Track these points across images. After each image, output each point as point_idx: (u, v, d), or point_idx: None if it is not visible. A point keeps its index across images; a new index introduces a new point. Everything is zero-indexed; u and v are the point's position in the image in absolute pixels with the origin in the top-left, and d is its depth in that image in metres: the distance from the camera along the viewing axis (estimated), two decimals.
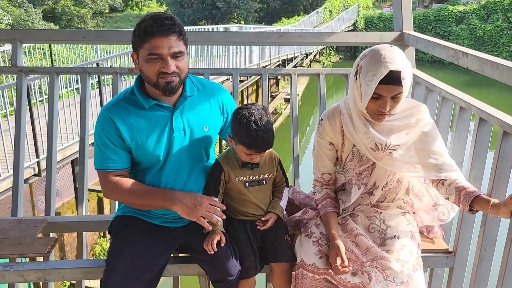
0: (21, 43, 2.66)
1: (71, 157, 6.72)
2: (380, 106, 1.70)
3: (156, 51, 1.67)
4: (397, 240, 1.85)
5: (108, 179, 1.85)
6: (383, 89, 1.65)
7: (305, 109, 17.18)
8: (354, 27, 29.61)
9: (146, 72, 1.72)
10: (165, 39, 1.66)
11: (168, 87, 1.73)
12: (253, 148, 1.81)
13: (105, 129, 1.81)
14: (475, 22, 27.79)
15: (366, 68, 1.68)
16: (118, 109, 1.82)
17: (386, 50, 1.67)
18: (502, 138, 1.80)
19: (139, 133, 1.81)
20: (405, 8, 2.73)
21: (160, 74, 1.71)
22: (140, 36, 1.68)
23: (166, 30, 1.66)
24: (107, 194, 1.89)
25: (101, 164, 1.85)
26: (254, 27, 21.43)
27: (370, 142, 1.78)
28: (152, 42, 1.66)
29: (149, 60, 1.69)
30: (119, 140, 1.81)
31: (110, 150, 1.83)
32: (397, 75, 1.63)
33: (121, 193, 1.84)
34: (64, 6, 29.30)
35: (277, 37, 2.84)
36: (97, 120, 1.85)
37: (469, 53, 2.04)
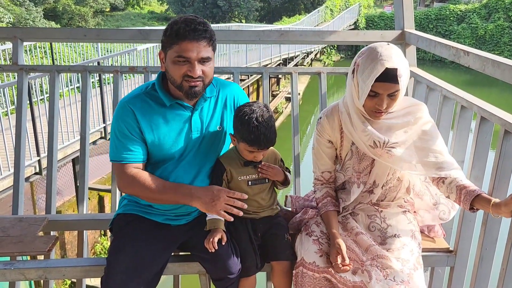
0: (22, 42, 2.66)
1: (72, 155, 6.73)
2: (377, 104, 1.70)
3: (185, 55, 1.69)
4: (398, 239, 1.85)
5: (125, 172, 1.83)
6: (380, 87, 1.66)
7: (306, 108, 17.17)
8: (355, 26, 29.57)
9: (172, 73, 1.74)
10: (195, 43, 1.68)
11: (191, 91, 1.75)
12: (255, 145, 1.81)
13: (125, 120, 1.80)
14: (477, 21, 27.75)
15: (362, 66, 1.69)
16: (139, 102, 1.82)
17: (383, 48, 1.67)
18: (503, 137, 1.79)
19: (157, 129, 1.82)
20: (407, 6, 2.73)
21: (185, 77, 1.72)
22: (171, 37, 1.70)
23: (198, 35, 1.68)
24: (123, 187, 1.86)
25: (118, 155, 1.83)
26: (255, 26, 21.39)
27: (369, 140, 1.78)
28: (182, 45, 1.68)
29: (176, 62, 1.71)
30: (138, 132, 1.81)
31: (128, 141, 1.81)
32: (393, 73, 1.63)
33: (138, 187, 1.82)
34: (65, 4, 29.28)
35: (278, 35, 2.84)
36: (117, 111, 1.84)
37: (471, 51, 2.03)
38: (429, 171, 1.80)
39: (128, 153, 1.82)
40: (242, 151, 1.89)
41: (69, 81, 7.65)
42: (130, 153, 1.82)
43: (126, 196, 2.01)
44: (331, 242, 1.83)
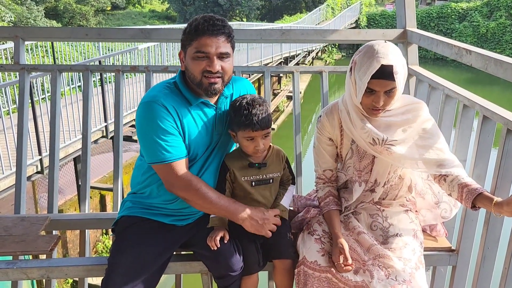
0: (24, 41, 2.66)
1: (73, 154, 6.74)
2: (373, 101, 1.71)
3: (204, 49, 1.70)
4: (400, 238, 1.84)
5: (176, 171, 1.76)
6: (376, 84, 1.67)
7: (307, 107, 17.16)
8: (356, 25, 29.53)
9: (191, 69, 1.74)
10: (214, 38, 1.70)
11: (211, 88, 1.75)
12: (249, 126, 1.79)
13: (160, 115, 1.74)
14: (478, 19, 27.69)
15: (359, 63, 1.70)
16: (167, 98, 1.78)
17: (380, 45, 1.68)
18: (506, 136, 1.79)
19: (187, 127, 1.81)
20: (408, 5, 2.72)
21: (204, 72, 1.73)
22: (191, 33, 1.71)
23: (216, 30, 1.70)
24: (178, 188, 1.79)
25: (163, 156, 1.75)
26: (256, 25, 21.38)
27: (368, 137, 1.79)
28: (201, 40, 1.69)
29: (195, 58, 1.72)
30: (176, 126, 1.77)
31: (171, 137, 1.75)
32: (389, 70, 1.64)
33: (194, 193, 1.78)
34: (66, 3, 29.28)
35: (280, 34, 2.83)
36: (146, 111, 1.76)
37: (473, 50, 2.03)
38: (430, 168, 1.80)
39: (175, 149, 1.76)
40: (242, 145, 1.88)
41: (70, 80, 7.66)
42: (176, 149, 1.76)
43: (129, 198, 1.99)
44: (333, 241, 1.83)
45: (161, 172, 1.79)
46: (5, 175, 5.57)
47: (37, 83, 6.73)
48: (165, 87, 1.82)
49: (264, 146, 1.88)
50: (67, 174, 7.66)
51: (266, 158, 1.94)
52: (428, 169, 1.81)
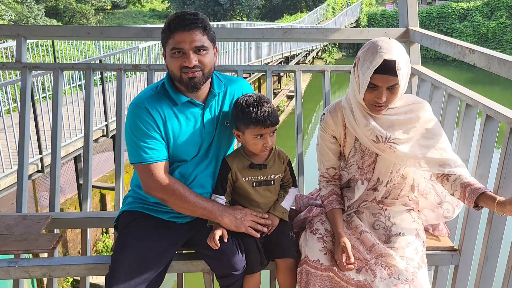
0: (25, 39, 2.66)
1: (74, 153, 6.74)
2: (376, 97, 1.71)
3: (178, 46, 1.70)
4: (402, 237, 1.84)
5: (153, 173, 1.78)
6: (379, 79, 1.67)
7: (307, 106, 17.14)
8: (356, 24, 29.51)
9: (170, 67, 1.76)
10: (187, 33, 1.69)
11: (190, 83, 1.75)
12: (261, 123, 1.80)
13: (142, 118, 1.78)
14: (479, 19, 27.67)
15: (363, 58, 1.71)
16: (153, 101, 1.81)
17: (383, 41, 1.69)
18: (509, 135, 1.79)
19: (172, 128, 1.82)
20: (411, 4, 2.72)
21: (182, 68, 1.73)
22: (165, 32, 1.72)
23: (188, 25, 1.69)
24: (154, 189, 1.81)
25: (141, 157, 1.78)
26: (256, 24, 21.37)
27: (371, 134, 1.79)
28: (175, 37, 1.70)
29: (172, 55, 1.73)
30: (156, 129, 1.80)
31: (149, 140, 1.78)
32: (391, 65, 1.64)
33: (171, 194, 1.80)
34: (66, 2, 29.27)
35: (282, 33, 2.83)
36: (131, 112, 1.81)
37: (476, 49, 2.03)
38: (433, 167, 1.80)
39: (153, 151, 1.79)
40: (250, 144, 1.87)
41: (71, 79, 7.65)
42: (154, 152, 1.79)
43: (130, 194, 2.01)
44: (336, 240, 1.83)
45: (140, 173, 1.83)
46: (6, 174, 5.57)
47: (38, 81, 6.73)
48: (152, 89, 1.85)
49: (272, 143, 1.88)
50: (68, 173, 7.66)
51: (268, 159, 1.94)
52: (430, 168, 1.81)
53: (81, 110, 3.24)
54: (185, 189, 1.83)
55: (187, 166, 1.89)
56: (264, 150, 1.89)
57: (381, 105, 1.73)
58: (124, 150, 2.70)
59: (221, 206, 1.88)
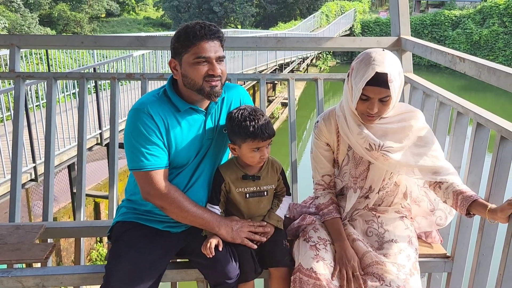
0: (19, 49, 2.66)
1: (68, 162, 6.71)
2: (368, 108, 1.73)
3: (204, 54, 1.72)
4: (395, 244, 1.85)
5: (153, 180, 1.77)
6: (371, 91, 1.69)
7: (302, 114, 17.19)
8: (350, 31, 29.70)
9: (192, 75, 1.76)
10: (211, 43, 1.73)
11: (212, 91, 1.77)
12: (258, 136, 1.80)
13: (145, 123, 1.77)
14: (471, 27, 27.92)
15: (356, 69, 1.73)
16: (155, 106, 1.80)
17: (377, 53, 1.71)
18: (499, 143, 1.80)
19: (174, 134, 1.82)
20: (402, 13, 2.75)
21: (206, 77, 1.75)
22: (188, 40, 1.73)
23: (213, 34, 1.73)
24: (154, 196, 1.80)
25: (141, 163, 1.77)
26: (251, 32, 21.45)
27: (364, 142, 1.81)
28: (200, 46, 1.72)
29: (196, 64, 1.74)
30: (159, 135, 1.79)
31: (153, 146, 1.78)
32: (383, 78, 1.66)
33: (170, 203, 1.79)
34: (60, 10, 29.28)
35: (275, 42, 2.85)
36: (133, 117, 1.79)
37: (466, 58, 2.05)
38: (426, 175, 1.82)
39: (154, 158, 1.78)
40: (246, 157, 1.87)
41: (64, 87, 7.64)
42: (155, 159, 1.78)
43: (124, 204, 2.00)
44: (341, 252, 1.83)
45: (139, 180, 1.82)
46: None
47: (31, 90, 6.71)
48: (154, 95, 1.85)
49: (268, 154, 1.90)
50: (61, 182, 7.63)
51: (261, 170, 1.94)
52: (423, 176, 1.83)
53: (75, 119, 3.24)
54: (185, 198, 1.83)
55: (183, 174, 1.89)
56: (260, 162, 1.90)
57: (373, 115, 1.75)
58: (118, 158, 2.71)
59: (219, 217, 1.88)
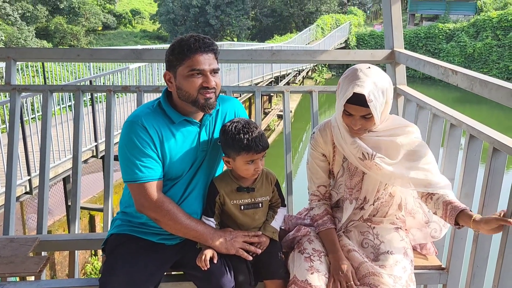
0: (15, 62, 2.67)
1: (63, 174, 6.68)
2: (351, 123, 1.78)
3: (199, 67, 1.74)
4: (391, 255, 1.85)
5: (147, 192, 1.78)
6: (352, 108, 1.74)
7: (298, 126, 17.24)
8: (346, 44, 29.94)
9: (186, 88, 1.77)
10: (206, 55, 1.75)
11: (207, 103, 1.79)
12: (252, 149, 1.81)
13: (139, 136, 1.78)
14: (465, 40, 28.20)
15: (341, 86, 1.79)
16: (150, 118, 1.82)
17: (362, 71, 1.74)
18: (492, 154, 1.82)
19: (168, 146, 1.83)
20: (396, 26, 2.78)
21: (200, 89, 1.76)
22: (182, 53, 1.75)
23: (207, 47, 1.76)
24: (147, 208, 1.81)
25: (135, 175, 1.78)
26: (246, 44, 21.58)
27: (358, 152, 1.83)
28: (194, 58, 1.74)
29: (190, 76, 1.75)
30: (153, 147, 1.80)
31: (147, 158, 1.78)
32: (362, 97, 1.69)
33: (164, 215, 1.80)
34: (57, 23, 29.37)
35: (270, 55, 2.87)
36: (127, 129, 1.81)
37: (459, 71, 2.07)
38: (419, 187, 1.84)
39: (148, 170, 1.79)
40: (241, 169, 1.87)
41: (60, 100, 7.64)
42: (149, 171, 1.79)
43: (119, 216, 2.00)
44: (336, 263, 1.83)
45: (133, 191, 1.83)
46: None
47: (27, 102, 6.71)
48: (149, 107, 1.86)
49: (262, 166, 1.90)
50: (56, 195, 7.58)
51: (256, 182, 1.94)
52: (416, 187, 1.84)
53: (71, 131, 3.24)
54: (179, 210, 1.83)
55: (178, 186, 1.90)
56: (255, 175, 1.90)
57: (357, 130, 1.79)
58: (113, 170, 2.70)
59: (212, 229, 1.88)
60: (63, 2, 30.23)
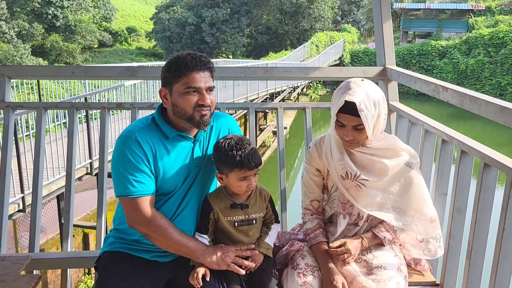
0: (10, 79, 2.67)
1: (57, 192, 6.64)
2: (344, 134, 1.80)
3: (195, 84, 1.76)
4: (384, 270, 1.85)
5: (139, 207, 1.78)
6: (343, 118, 1.77)
7: (293, 142, 17.27)
8: (340, 61, 30.22)
9: (182, 105, 1.79)
10: (202, 73, 1.78)
11: (202, 121, 1.81)
12: (245, 165, 1.81)
13: (132, 150, 1.78)
14: (458, 57, 28.54)
15: (334, 97, 1.82)
16: (143, 133, 1.82)
17: (355, 83, 1.79)
18: (483, 170, 1.83)
19: (162, 162, 1.83)
20: (387, 44, 2.82)
21: (196, 107, 1.78)
22: (178, 70, 1.77)
23: (203, 65, 1.78)
24: (139, 223, 1.80)
25: (127, 190, 1.78)
26: (242, 61, 21.75)
27: (342, 170, 1.85)
28: (190, 76, 1.76)
29: (186, 93, 1.77)
30: (146, 162, 1.80)
31: (139, 173, 1.78)
32: (353, 106, 1.72)
33: (155, 230, 1.78)
34: (53, 41, 29.54)
35: (264, 72, 2.90)
36: (120, 144, 1.81)
37: (449, 87, 2.10)
38: (392, 223, 1.90)
39: (141, 185, 1.79)
40: (234, 186, 1.87)
41: (55, 117, 7.64)
42: (142, 185, 1.79)
43: (112, 234, 1.99)
44: (327, 276, 1.82)
45: (125, 206, 1.82)
46: None
47: (21, 119, 6.71)
48: (143, 122, 1.88)
49: (255, 183, 1.90)
50: (50, 212, 7.53)
51: (250, 199, 1.94)
52: (390, 222, 1.90)
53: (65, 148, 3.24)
54: (170, 226, 1.82)
55: (171, 201, 1.89)
56: (248, 191, 1.90)
57: (350, 141, 1.81)
58: (107, 188, 2.69)
59: (204, 246, 1.87)
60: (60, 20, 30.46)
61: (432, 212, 1.89)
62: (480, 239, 1.87)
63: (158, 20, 37.64)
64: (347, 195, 1.88)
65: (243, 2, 36.55)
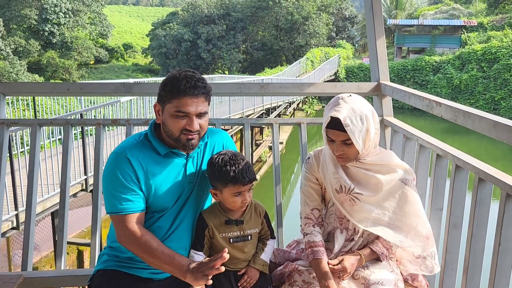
0: (5, 96, 2.67)
1: (51, 209, 6.59)
2: (334, 149, 1.83)
3: (185, 110, 1.74)
4: (382, 286, 1.84)
5: (126, 225, 1.77)
6: (331, 134, 1.80)
7: (289, 157, 17.28)
8: (335, 76, 30.44)
9: (170, 126, 1.78)
10: (194, 99, 1.74)
11: (188, 144, 1.79)
12: (239, 181, 1.81)
13: (121, 168, 1.78)
14: (451, 72, 28.82)
15: (324, 113, 1.86)
16: (134, 150, 1.81)
17: (344, 99, 1.81)
18: (478, 185, 1.84)
19: (153, 179, 1.82)
20: (381, 60, 2.84)
21: (183, 130, 1.77)
22: (172, 92, 1.74)
23: (197, 91, 1.75)
24: (125, 241, 1.80)
25: (116, 207, 1.78)
26: (237, 77, 21.86)
27: (336, 183, 1.86)
28: (182, 100, 1.73)
29: (175, 116, 1.75)
30: (135, 180, 1.79)
31: (126, 191, 1.78)
32: (339, 121, 1.75)
33: (138, 247, 1.77)
34: (49, 58, 29.63)
35: (259, 88, 2.91)
36: (111, 161, 1.81)
37: (443, 103, 2.11)
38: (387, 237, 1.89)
39: (128, 203, 1.78)
40: (228, 202, 1.87)
41: (50, 133, 7.63)
42: (129, 203, 1.78)
43: (106, 251, 1.96)
44: None
45: (114, 223, 1.82)
46: None
47: (17, 136, 6.69)
48: (136, 138, 1.87)
49: (250, 199, 1.89)
50: (44, 230, 7.46)
51: (244, 214, 1.93)
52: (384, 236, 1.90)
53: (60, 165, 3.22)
54: (157, 244, 1.78)
55: (165, 218, 1.88)
56: (243, 207, 1.89)
57: (341, 156, 1.83)
58: (101, 204, 2.68)
59: (186, 265, 1.77)
60: (56, 37, 30.62)
61: (426, 230, 1.89)
62: (476, 254, 1.86)
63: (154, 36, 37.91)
64: (342, 209, 1.88)
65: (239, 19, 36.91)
